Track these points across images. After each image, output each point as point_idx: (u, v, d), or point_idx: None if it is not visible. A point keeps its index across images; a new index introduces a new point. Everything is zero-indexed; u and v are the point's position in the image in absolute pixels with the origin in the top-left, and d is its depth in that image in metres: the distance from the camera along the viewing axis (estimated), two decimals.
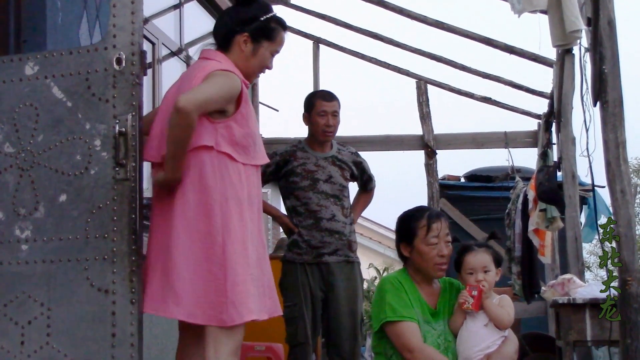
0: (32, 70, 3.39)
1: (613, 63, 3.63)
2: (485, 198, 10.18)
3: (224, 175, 3.33)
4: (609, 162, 3.60)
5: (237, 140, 3.36)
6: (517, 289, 7.73)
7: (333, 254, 5.02)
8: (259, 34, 3.52)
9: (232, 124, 3.36)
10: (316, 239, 4.99)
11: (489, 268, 3.82)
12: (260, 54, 3.54)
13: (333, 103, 5.13)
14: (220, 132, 3.34)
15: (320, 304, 5.02)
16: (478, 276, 3.80)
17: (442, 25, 8.15)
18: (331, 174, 5.07)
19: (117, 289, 3.19)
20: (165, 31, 6.68)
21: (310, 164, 5.07)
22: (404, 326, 3.73)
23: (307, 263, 5.00)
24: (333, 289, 5.00)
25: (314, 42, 9.54)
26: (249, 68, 3.53)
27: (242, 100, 3.39)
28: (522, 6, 4.72)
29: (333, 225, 5.02)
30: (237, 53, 3.52)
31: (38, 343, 3.24)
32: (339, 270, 5.02)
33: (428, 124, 9.16)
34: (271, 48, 3.57)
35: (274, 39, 3.56)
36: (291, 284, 5.00)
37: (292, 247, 5.05)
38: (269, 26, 3.54)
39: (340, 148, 5.23)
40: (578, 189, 6.99)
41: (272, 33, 3.56)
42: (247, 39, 3.51)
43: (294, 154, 5.10)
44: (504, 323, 3.75)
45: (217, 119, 3.34)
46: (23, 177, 3.35)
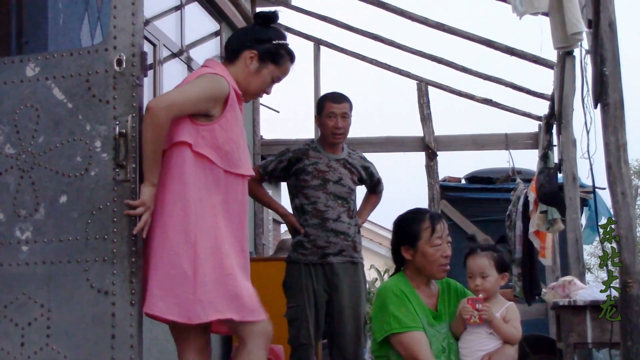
0: (33, 72, 3.39)
1: (614, 65, 3.64)
2: (485, 200, 10.17)
3: (199, 176, 3.32)
4: (609, 164, 3.60)
5: (220, 144, 3.36)
6: (518, 291, 7.73)
7: (338, 254, 5.02)
8: (267, 55, 3.55)
9: (216, 128, 3.36)
10: (322, 239, 4.99)
11: (487, 273, 3.77)
12: (263, 74, 3.56)
13: (342, 105, 5.14)
14: (202, 134, 3.33)
15: (324, 305, 5.01)
16: (476, 281, 3.78)
17: (443, 27, 8.15)
18: (341, 176, 5.09)
19: (117, 290, 3.19)
20: (167, 32, 6.68)
21: (322, 164, 5.09)
22: (411, 337, 3.70)
23: (311, 264, 5.00)
24: (337, 290, 4.99)
25: (315, 43, 9.54)
26: (248, 85, 3.55)
27: (228, 104, 3.40)
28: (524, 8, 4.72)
29: (338, 226, 5.03)
30: (241, 67, 3.54)
31: (38, 344, 3.24)
32: (343, 272, 5.02)
33: (429, 125, 9.16)
34: (274, 73, 3.59)
35: (280, 65, 3.59)
36: (295, 284, 5.00)
37: (297, 247, 5.05)
38: (279, 51, 3.58)
39: (350, 152, 5.27)
40: (579, 191, 7.00)
41: (280, 59, 3.59)
42: (254, 56, 3.53)
43: (306, 152, 5.11)
44: (514, 340, 3.73)
45: (202, 122, 3.34)
46: (24, 178, 3.34)
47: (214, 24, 7.96)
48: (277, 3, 9.02)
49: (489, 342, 3.73)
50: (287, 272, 5.09)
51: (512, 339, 3.72)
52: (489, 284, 3.77)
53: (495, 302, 3.80)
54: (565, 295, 5.04)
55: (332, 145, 5.15)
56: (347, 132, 5.17)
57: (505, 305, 3.79)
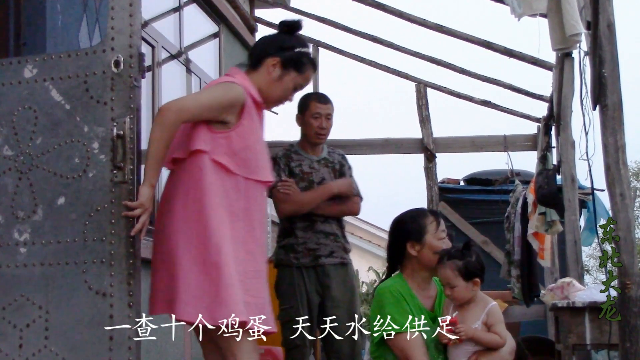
0: (31, 73, 3.39)
1: (612, 66, 3.64)
2: (484, 201, 10.17)
3: (217, 183, 3.34)
4: (608, 165, 3.60)
5: (236, 151, 3.38)
6: (517, 293, 7.73)
7: (329, 255, 5.01)
8: (290, 62, 3.58)
9: (232, 135, 3.38)
10: (312, 242, 4.98)
11: (453, 283, 3.73)
12: (285, 81, 3.58)
13: (327, 105, 5.12)
14: (218, 141, 3.36)
15: (317, 308, 5.00)
16: (446, 291, 3.78)
17: (442, 29, 8.15)
18: (324, 176, 5.07)
19: (115, 292, 3.19)
20: (165, 34, 6.67)
21: (305, 166, 5.07)
22: (406, 338, 3.71)
23: (303, 267, 4.99)
24: (329, 289, 4.98)
25: (314, 45, 9.51)
26: (270, 92, 3.58)
27: (245, 112, 3.42)
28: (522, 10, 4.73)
29: (327, 227, 5.01)
30: (263, 75, 3.57)
31: (36, 346, 3.23)
32: (334, 273, 5.01)
33: (427, 127, 9.15)
34: (296, 81, 3.62)
35: (302, 72, 3.62)
36: (287, 286, 4.98)
37: (288, 250, 5.03)
38: (302, 59, 3.61)
39: (330, 151, 5.23)
40: (577, 193, 7.00)
41: (303, 67, 3.62)
42: (276, 64, 3.56)
43: (289, 156, 5.10)
44: (499, 347, 3.70)
45: (219, 130, 3.37)
46: (22, 179, 3.34)
47: (212, 25, 7.96)
48: (275, 5, 9.02)
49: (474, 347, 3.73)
50: (278, 276, 5.06)
51: (497, 346, 3.70)
52: (456, 294, 3.74)
53: (474, 305, 3.77)
54: (564, 296, 5.03)
55: (312, 146, 5.12)
56: (329, 132, 5.15)
57: (485, 310, 3.75)
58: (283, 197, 4.94)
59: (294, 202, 4.94)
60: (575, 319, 4.72)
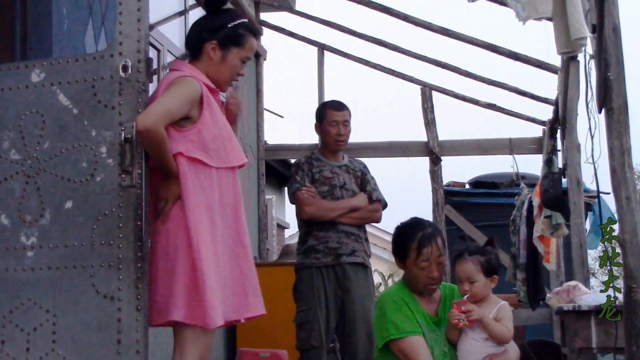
0: (39, 77, 3.40)
1: (618, 70, 3.63)
2: (490, 204, 10.18)
3: (195, 182, 3.35)
4: (614, 168, 3.60)
5: (208, 144, 3.39)
6: (522, 296, 7.73)
7: (351, 254, 5.06)
8: (227, 40, 3.55)
9: (201, 129, 3.39)
10: (333, 240, 5.04)
11: (474, 278, 3.76)
12: (229, 60, 3.57)
13: (343, 112, 5.25)
14: (190, 138, 3.36)
15: (336, 310, 5.02)
16: (464, 286, 3.79)
17: (447, 32, 8.16)
18: (345, 181, 5.18)
19: (123, 295, 3.19)
20: (171, 38, 6.69)
21: (327, 171, 5.19)
22: (409, 342, 3.72)
23: (323, 266, 5.02)
24: (349, 293, 5.02)
25: (319, 48, 9.55)
26: (219, 75, 3.56)
27: (204, 103, 3.41)
28: (527, 14, 4.72)
29: (349, 228, 5.09)
30: (206, 61, 3.55)
31: (43, 350, 3.24)
32: (354, 275, 5.05)
33: (433, 130, 9.15)
34: (240, 54, 3.60)
35: (242, 45, 3.59)
36: (305, 287, 5.03)
37: (309, 252, 5.06)
38: (237, 32, 3.58)
39: (350, 159, 5.37)
40: (583, 196, 7.00)
41: (241, 39, 3.58)
42: (215, 46, 3.54)
43: (311, 163, 5.21)
44: (505, 339, 3.72)
45: (186, 127, 3.37)
46: (29, 183, 3.35)
47: None
48: (281, 8, 9.04)
49: (485, 348, 3.73)
50: (298, 278, 5.11)
51: (503, 337, 3.72)
52: (476, 289, 3.76)
53: (487, 303, 3.80)
54: (569, 300, 5.03)
55: (333, 153, 5.26)
56: (348, 138, 5.27)
57: (497, 306, 3.79)
58: (307, 200, 5.03)
59: (316, 206, 5.04)
60: (581, 323, 4.72)
